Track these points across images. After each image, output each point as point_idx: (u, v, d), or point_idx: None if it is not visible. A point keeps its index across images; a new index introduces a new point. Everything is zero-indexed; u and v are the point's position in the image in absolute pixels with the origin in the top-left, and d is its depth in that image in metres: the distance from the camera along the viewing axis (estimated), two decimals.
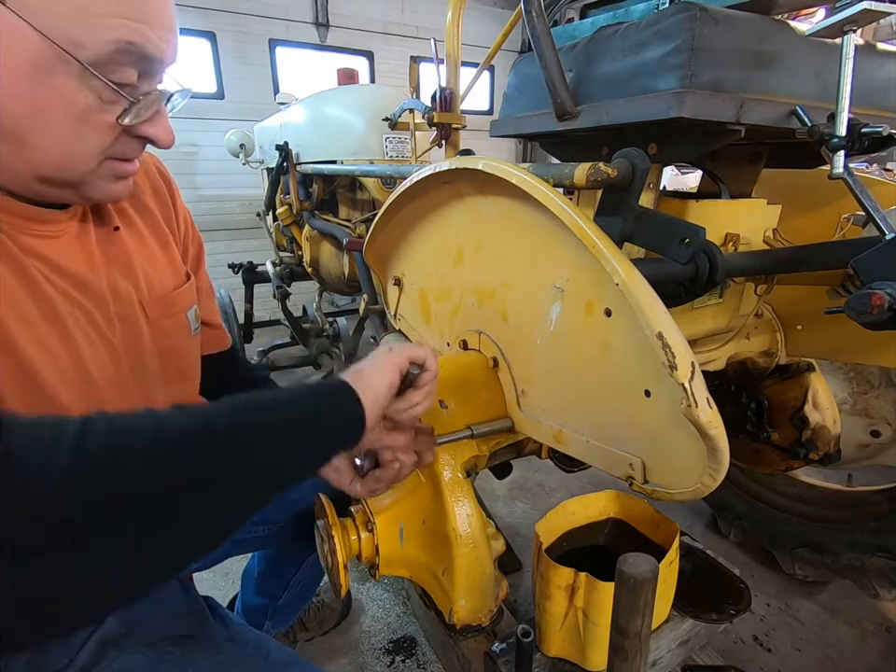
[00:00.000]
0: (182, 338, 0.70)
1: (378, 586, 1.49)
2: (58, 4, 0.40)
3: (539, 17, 0.80)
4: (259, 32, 4.21)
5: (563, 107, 0.83)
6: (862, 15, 0.63)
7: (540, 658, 0.83)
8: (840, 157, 0.70)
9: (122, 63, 0.45)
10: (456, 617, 0.83)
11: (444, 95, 1.40)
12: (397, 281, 1.19)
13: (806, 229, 1.01)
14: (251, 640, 0.66)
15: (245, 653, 0.63)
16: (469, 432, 0.82)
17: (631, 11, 0.88)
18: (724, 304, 0.98)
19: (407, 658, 1.27)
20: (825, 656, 1.28)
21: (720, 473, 0.57)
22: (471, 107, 5.18)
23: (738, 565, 1.13)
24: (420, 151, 1.97)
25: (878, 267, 0.64)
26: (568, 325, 0.72)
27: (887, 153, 3.32)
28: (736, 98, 0.70)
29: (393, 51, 4.95)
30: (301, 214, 2.37)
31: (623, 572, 0.58)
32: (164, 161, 0.74)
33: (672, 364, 0.55)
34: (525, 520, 1.77)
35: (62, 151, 0.46)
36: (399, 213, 1.07)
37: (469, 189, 0.87)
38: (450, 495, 0.81)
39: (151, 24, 0.45)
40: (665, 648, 0.86)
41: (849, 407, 1.30)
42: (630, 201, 0.70)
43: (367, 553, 0.83)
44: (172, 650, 0.59)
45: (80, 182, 0.50)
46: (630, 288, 0.58)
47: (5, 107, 0.42)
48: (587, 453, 0.73)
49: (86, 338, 0.57)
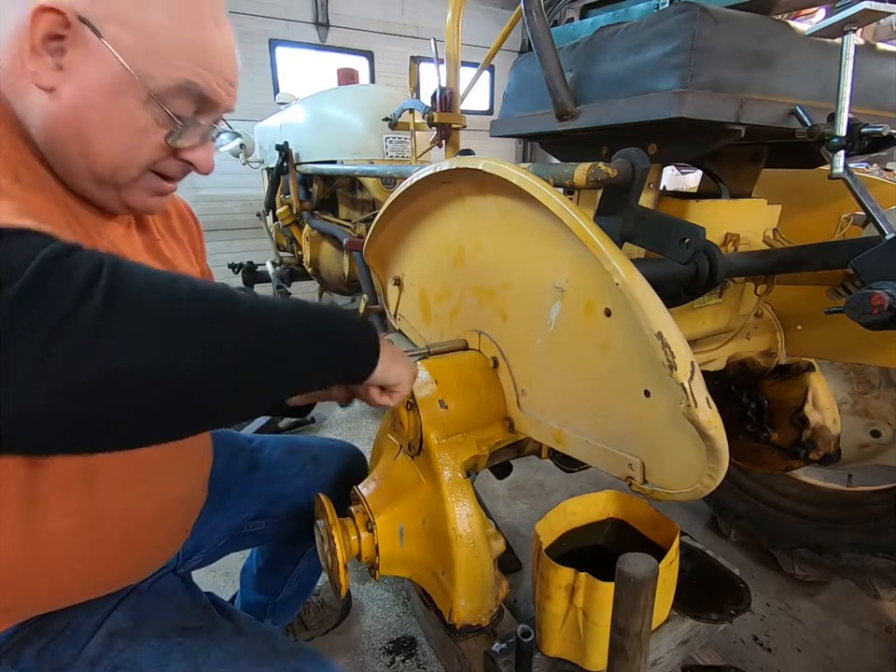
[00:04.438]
0: None
1: (378, 586, 1.48)
2: (142, 45, 0.51)
3: (539, 17, 0.80)
4: (259, 32, 4.22)
5: (563, 107, 0.83)
6: (862, 15, 0.63)
7: (540, 658, 0.83)
8: (840, 157, 0.70)
9: (182, 97, 0.55)
10: (456, 617, 0.83)
11: (444, 95, 1.40)
12: (397, 281, 1.19)
13: (806, 229, 1.00)
14: (258, 632, 0.67)
15: (254, 644, 0.64)
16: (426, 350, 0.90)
17: (631, 11, 0.88)
18: (724, 304, 0.98)
19: (407, 658, 1.27)
20: (825, 656, 1.28)
21: (719, 473, 0.57)
22: (471, 107, 5.18)
23: (738, 565, 1.13)
24: (420, 151, 1.97)
25: (878, 267, 0.65)
26: (568, 325, 0.72)
27: (887, 153, 3.32)
28: (736, 98, 0.70)
29: (393, 51, 4.95)
30: (301, 214, 2.37)
31: (623, 572, 0.58)
32: None
33: (672, 364, 0.55)
34: (525, 520, 1.77)
35: (116, 156, 0.55)
36: (400, 213, 1.07)
37: (470, 188, 0.87)
38: (450, 495, 0.81)
39: (213, 72, 0.56)
40: (665, 648, 0.86)
41: (849, 407, 1.30)
42: (630, 201, 0.70)
43: (367, 553, 0.83)
44: (181, 640, 0.60)
45: (123, 186, 0.58)
46: (630, 288, 0.59)
47: (84, 114, 0.52)
48: (587, 453, 0.73)
49: None
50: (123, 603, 0.66)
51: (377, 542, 0.83)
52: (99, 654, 0.57)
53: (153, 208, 0.64)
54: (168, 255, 0.73)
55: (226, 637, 0.63)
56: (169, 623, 0.65)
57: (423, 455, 0.85)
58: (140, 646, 0.59)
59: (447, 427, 0.84)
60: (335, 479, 1.00)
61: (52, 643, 0.58)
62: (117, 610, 0.64)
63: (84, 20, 0.49)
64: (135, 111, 0.54)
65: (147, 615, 0.65)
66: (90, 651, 0.57)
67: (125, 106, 0.53)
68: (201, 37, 0.54)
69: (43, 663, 0.56)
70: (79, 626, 0.61)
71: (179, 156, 0.59)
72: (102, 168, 0.56)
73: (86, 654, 0.57)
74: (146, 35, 0.51)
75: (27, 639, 0.57)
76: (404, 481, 0.87)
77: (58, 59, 0.51)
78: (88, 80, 0.51)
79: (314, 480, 0.98)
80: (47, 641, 0.58)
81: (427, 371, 0.87)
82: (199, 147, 0.60)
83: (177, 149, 0.58)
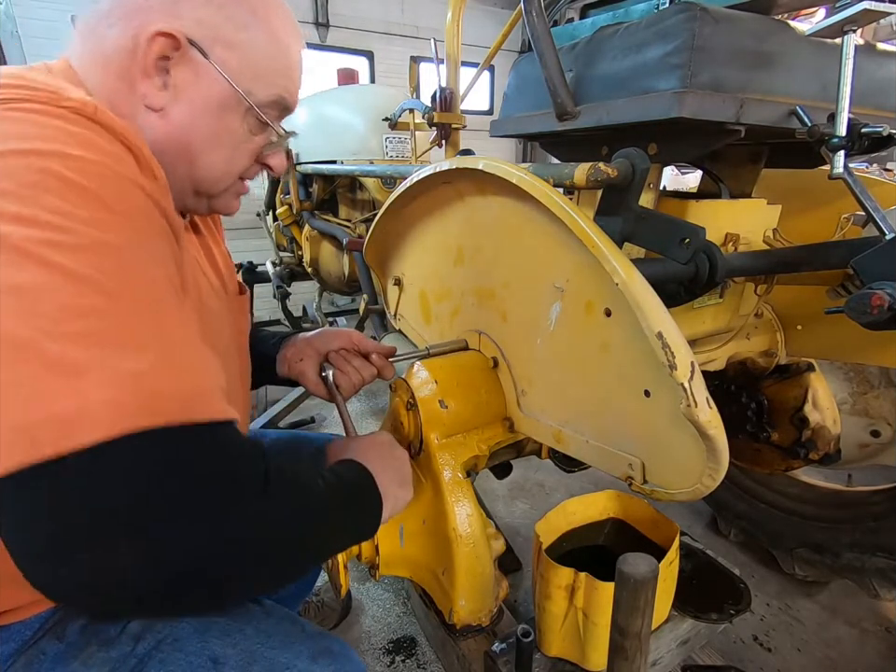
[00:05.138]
0: (246, 335, 0.84)
1: (378, 586, 1.48)
2: (245, 65, 0.56)
3: (539, 17, 0.80)
4: None
5: (563, 107, 0.83)
6: (862, 15, 0.63)
7: (540, 658, 0.83)
8: (840, 157, 0.70)
9: (272, 107, 0.61)
10: (456, 617, 0.83)
11: (444, 95, 1.40)
12: (397, 281, 1.19)
13: (806, 229, 1.00)
14: (286, 615, 0.69)
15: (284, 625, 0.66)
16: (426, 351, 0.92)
17: (631, 11, 0.88)
18: (724, 304, 0.98)
19: (407, 658, 1.27)
20: (825, 656, 1.27)
21: (719, 473, 0.57)
22: (471, 107, 5.18)
23: (738, 565, 1.13)
24: (420, 151, 1.97)
25: (878, 267, 0.65)
26: (568, 325, 0.72)
27: (887, 153, 3.32)
28: (736, 98, 0.70)
29: (393, 51, 4.95)
30: (301, 214, 2.37)
31: (623, 572, 0.58)
32: None
33: (672, 364, 0.55)
34: (525, 520, 1.77)
35: (219, 169, 0.60)
36: (400, 213, 1.07)
37: (470, 188, 0.87)
38: (450, 495, 0.81)
39: (295, 84, 0.63)
40: (665, 648, 0.86)
41: (849, 407, 1.30)
42: (630, 201, 0.70)
43: (367, 553, 0.83)
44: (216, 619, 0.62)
45: (217, 195, 0.64)
46: (630, 288, 0.59)
47: (193, 131, 0.56)
48: (587, 453, 0.73)
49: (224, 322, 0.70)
50: None
51: (377, 542, 0.83)
52: (142, 630, 0.59)
53: (234, 209, 0.70)
54: (214, 251, 0.77)
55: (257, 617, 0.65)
56: None
57: (423, 456, 0.85)
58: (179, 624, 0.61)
59: (447, 427, 0.84)
60: None
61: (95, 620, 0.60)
62: None
63: (193, 42, 0.52)
64: (235, 124, 0.58)
65: None
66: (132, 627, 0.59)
67: (228, 121, 0.58)
68: (289, 54, 0.60)
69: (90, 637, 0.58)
70: None
71: (261, 160, 0.65)
72: (205, 181, 0.61)
73: (129, 630, 0.59)
74: (247, 55, 0.56)
75: (70, 616, 0.59)
76: None
77: (163, 79, 0.54)
78: (197, 100, 0.55)
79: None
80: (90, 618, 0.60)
81: (427, 370, 0.87)
82: (277, 151, 0.67)
83: (262, 155, 0.64)
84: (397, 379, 0.90)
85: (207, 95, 0.55)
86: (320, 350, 0.88)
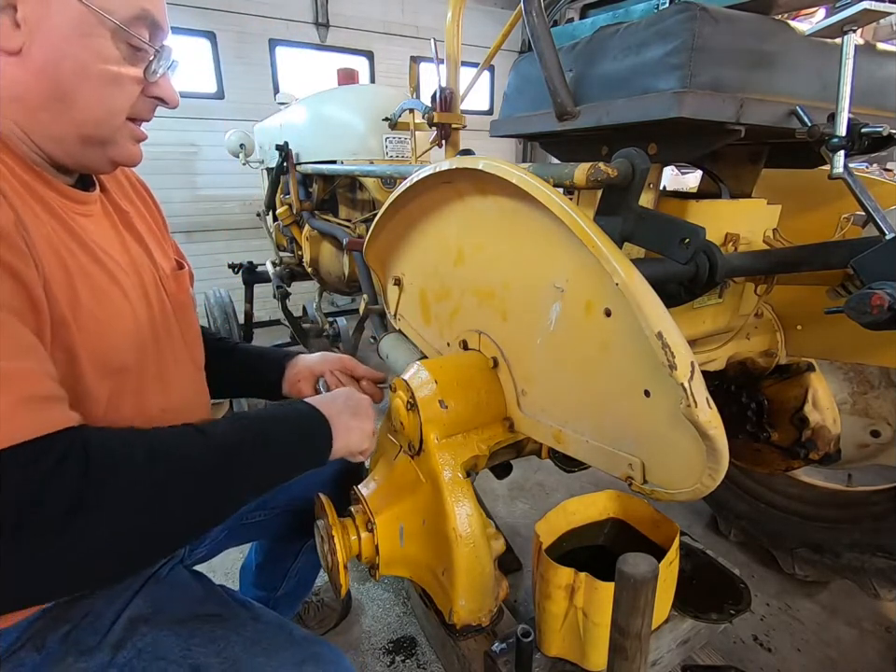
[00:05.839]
0: (191, 312, 0.81)
1: (378, 586, 1.49)
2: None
3: (539, 17, 0.80)
4: (259, 32, 4.21)
5: (563, 107, 0.83)
6: (862, 15, 0.63)
7: (540, 658, 0.83)
8: (840, 157, 0.70)
9: (140, 26, 0.57)
10: (456, 617, 0.83)
11: (444, 95, 1.40)
12: (397, 281, 1.19)
13: (806, 229, 1.00)
14: (274, 620, 0.69)
15: (271, 631, 0.66)
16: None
17: (631, 11, 0.88)
18: (724, 304, 0.98)
19: (407, 658, 1.27)
20: (825, 656, 1.28)
21: (719, 473, 0.57)
22: (471, 107, 5.18)
23: (738, 565, 1.13)
24: (420, 151, 1.97)
25: (878, 267, 0.64)
26: (568, 325, 0.72)
27: (887, 153, 3.32)
28: (736, 98, 0.70)
29: (393, 51, 4.94)
30: (301, 214, 2.37)
31: (623, 572, 0.58)
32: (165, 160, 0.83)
33: (672, 364, 0.55)
34: (525, 520, 1.77)
35: (99, 106, 0.56)
36: (400, 213, 1.07)
37: (470, 188, 0.86)
38: (450, 495, 0.81)
39: None
40: (665, 648, 0.86)
41: (849, 407, 1.30)
42: (630, 201, 0.70)
43: (367, 553, 0.83)
44: (201, 626, 0.62)
45: (110, 140, 0.60)
46: (630, 288, 0.58)
47: (60, 67, 0.52)
48: (587, 453, 0.73)
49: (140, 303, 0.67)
50: (143, 591, 0.67)
51: (377, 542, 0.83)
52: (122, 639, 0.58)
53: (137, 157, 0.65)
54: (140, 228, 0.73)
55: (244, 623, 0.65)
56: (188, 610, 0.66)
57: (423, 455, 0.85)
58: (162, 631, 0.60)
59: (447, 427, 0.84)
60: (335, 477, 1.01)
61: (76, 629, 0.59)
62: (137, 598, 0.65)
63: None
64: (106, 47, 0.54)
65: (166, 603, 0.67)
66: (113, 636, 0.59)
67: (94, 46, 0.54)
68: None
69: (68, 647, 0.57)
70: (101, 614, 0.62)
71: (149, 93, 0.61)
72: (87, 126, 0.57)
73: (109, 639, 0.58)
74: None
75: (50, 626, 0.59)
76: (404, 481, 0.87)
77: (10, 16, 0.50)
78: (54, 29, 0.51)
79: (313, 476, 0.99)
80: (70, 627, 0.59)
81: (427, 371, 0.87)
82: (162, 79, 0.62)
83: (147, 85, 0.60)
84: (397, 379, 0.90)
85: (62, 22, 0.51)
86: (315, 371, 0.96)
